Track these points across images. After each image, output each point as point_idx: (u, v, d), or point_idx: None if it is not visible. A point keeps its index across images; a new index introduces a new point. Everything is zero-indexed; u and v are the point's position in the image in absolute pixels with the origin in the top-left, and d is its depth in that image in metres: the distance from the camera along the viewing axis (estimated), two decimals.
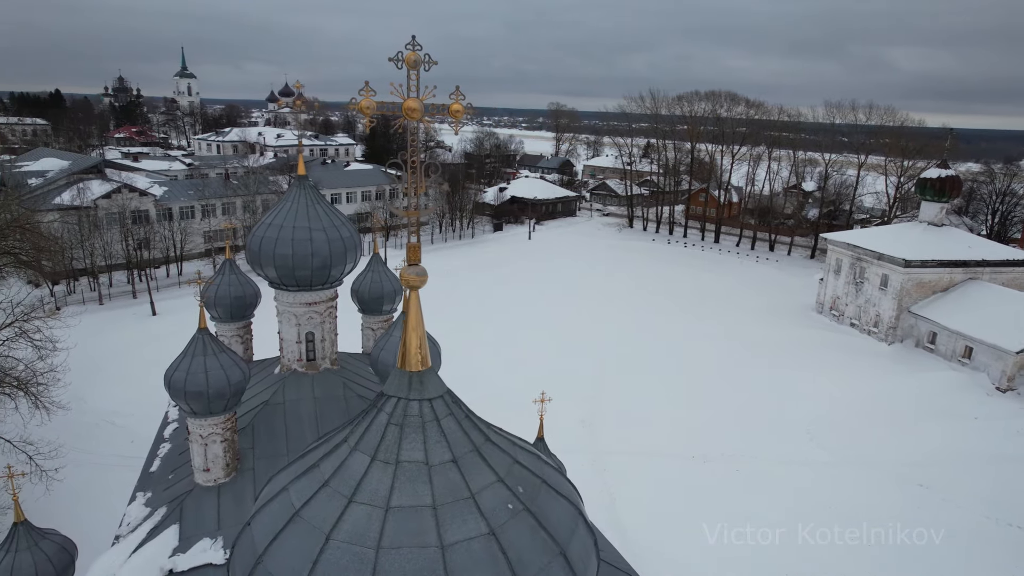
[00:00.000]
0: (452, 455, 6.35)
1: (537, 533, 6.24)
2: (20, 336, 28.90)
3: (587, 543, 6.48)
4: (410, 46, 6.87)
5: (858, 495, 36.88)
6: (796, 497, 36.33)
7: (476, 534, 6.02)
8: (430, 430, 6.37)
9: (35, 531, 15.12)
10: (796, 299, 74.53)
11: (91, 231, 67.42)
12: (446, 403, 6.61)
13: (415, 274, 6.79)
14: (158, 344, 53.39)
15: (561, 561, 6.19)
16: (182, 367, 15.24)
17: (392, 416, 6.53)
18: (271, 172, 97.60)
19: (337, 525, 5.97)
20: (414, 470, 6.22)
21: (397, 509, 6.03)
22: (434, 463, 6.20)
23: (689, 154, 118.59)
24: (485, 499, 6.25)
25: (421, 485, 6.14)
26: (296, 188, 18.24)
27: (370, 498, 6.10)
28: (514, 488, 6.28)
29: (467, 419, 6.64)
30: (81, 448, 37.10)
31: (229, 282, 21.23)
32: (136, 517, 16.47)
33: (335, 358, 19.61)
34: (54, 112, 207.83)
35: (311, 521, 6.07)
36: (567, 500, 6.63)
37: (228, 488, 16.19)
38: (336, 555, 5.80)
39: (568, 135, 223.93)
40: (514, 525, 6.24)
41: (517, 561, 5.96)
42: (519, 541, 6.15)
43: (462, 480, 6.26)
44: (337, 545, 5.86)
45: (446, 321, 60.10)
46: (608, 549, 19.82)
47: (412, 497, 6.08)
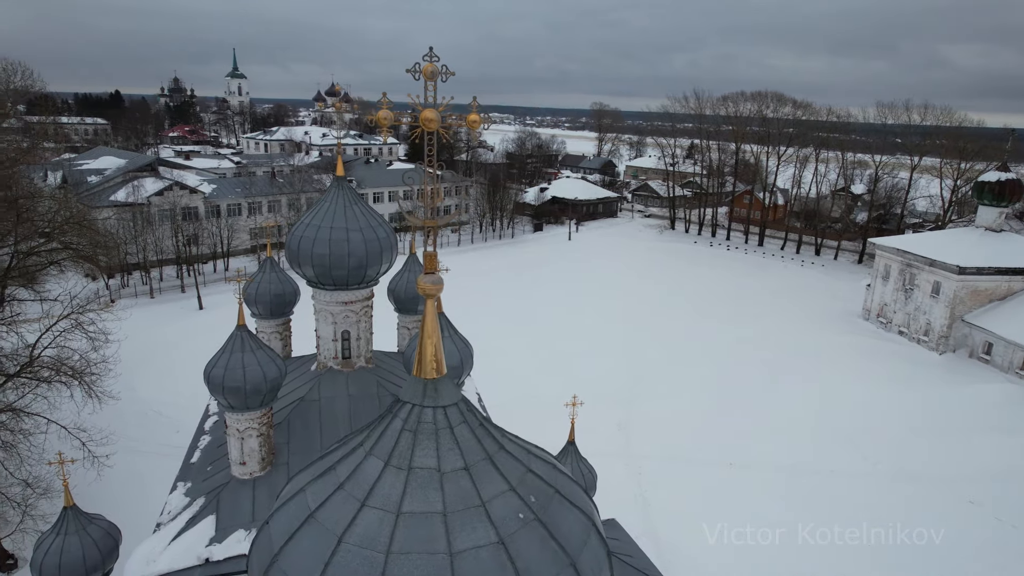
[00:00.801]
0: (464, 463, 6.38)
1: (547, 543, 6.21)
2: (76, 328, 30.12)
3: (599, 555, 6.41)
4: (427, 57, 6.92)
5: (904, 508, 35.68)
6: (837, 506, 35.37)
7: (485, 542, 6.04)
8: (443, 437, 6.42)
9: (83, 516, 15.77)
10: (842, 305, 72.51)
11: (144, 227, 69.86)
12: (460, 411, 6.63)
13: (431, 283, 6.81)
14: (204, 338, 54.81)
15: (571, 572, 6.15)
16: (221, 363, 15.66)
17: (406, 422, 6.60)
18: (316, 171, 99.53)
19: (349, 528, 6.07)
20: (426, 476, 6.29)
21: (408, 515, 6.10)
22: (446, 470, 6.24)
23: (734, 155, 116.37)
24: (496, 508, 6.30)
25: (432, 492, 6.22)
26: (335, 188, 18.55)
27: (382, 503, 6.19)
28: (526, 497, 6.25)
29: (481, 427, 6.65)
30: (130, 436, 38.53)
31: (269, 280, 21.72)
32: (176, 506, 16.97)
33: (370, 356, 19.86)
34: (114, 112, 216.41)
35: (325, 523, 6.18)
36: (580, 511, 6.57)
37: (263, 482, 16.57)
38: (347, 558, 5.91)
39: (610, 135, 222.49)
40: (524, 535, 6.22)
41: (525, 571, 5.96)
42: (528, 551, 6.15)
43: (473, 488, 6.32)
44: (348, 548, 5.96)
45: (484, 321, 60.67)
46: (638, 555, 19.67)
47: (423, 503, 6.18)
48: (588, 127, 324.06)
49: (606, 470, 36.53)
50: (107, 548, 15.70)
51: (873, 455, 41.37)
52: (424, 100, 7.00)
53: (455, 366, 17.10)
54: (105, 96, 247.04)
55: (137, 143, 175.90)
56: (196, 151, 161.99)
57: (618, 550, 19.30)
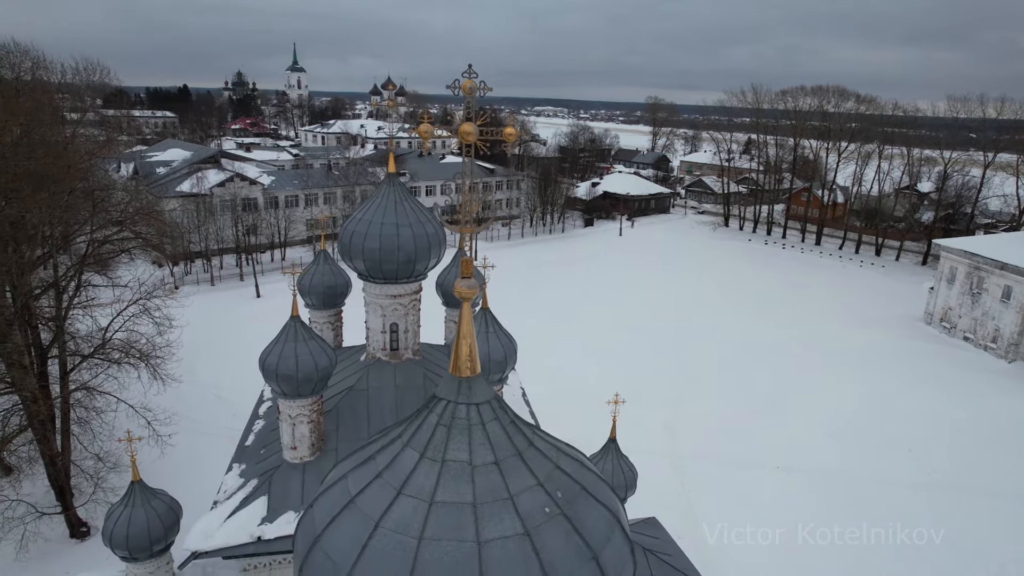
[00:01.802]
0: (495, 457, 6.69)
1: (571, 537, 6.46)
2: (143, 313, 31.75)
3: (623, 552, 6.62)
4: (467, 74, 7.17)
5: (972, 523, 34.34)
6: (888, 513, 34.34)
7: (512, 533, 6.34)
8: (475, 433, 6.76)
9: (148, 490, 16.76)
10: (902, 308, 69.84)
11: (206, 217, 72.67)
12: (492, 408, 6.94)
13: (466, 287, 7.10)
14: (260, 325, 56.88)
15: (593, 566, 6.38)
16: (275, 351, 16.36)
17: (441, 417, 6.97)
18: (370, 163, 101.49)
19: (386, 514, 6.47)
20: (458, 469, 6.65)
21: (440, 504, 6.48)
22: (477, 464, 6.58)
23: (792, 151, 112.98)
24: (523, 501, 6.60)
25: (464, 484, 6.59)
26: (386, 185, 19.05)
27: (417, 492, 6.59)
28: (552, 493, 6.54)
29: (512, 424, 6.95)
30: (191, 418, 40.37)
31: (323, 272, 22.41)
32: (231, 486, 17.82)
33: (417, 348, 20.36)
34: (181, 106, 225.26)
35: (363, 508, 6.60)
36: (606, 508, 6.80)
37: (312, 466, 17.27)
38: (382, 542, 6.30)
39: (665, 130, 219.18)
40: (549, 528, 6.49)
41: (549, 563, 6.21)
42: (553, 543, 6.41)
43: (502, 481, 6.65)
44: (384, 533, 6.36)
45: (533, 316, 61.08)
46: (677, 555, 19.63)
47: (455, 494, 6.56)
48: (643, 121, 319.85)
49: (650, 469, 36.44)
50: (169, 521, 16.65)
51: (930, 464, 39.95)
52: (465, 114, 7.24)
53: (499, 361, 17.42)
54: (173, 90, 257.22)
55: (202, 135, 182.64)
56: (256, 143, 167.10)
57: (657, 548, 19.33)
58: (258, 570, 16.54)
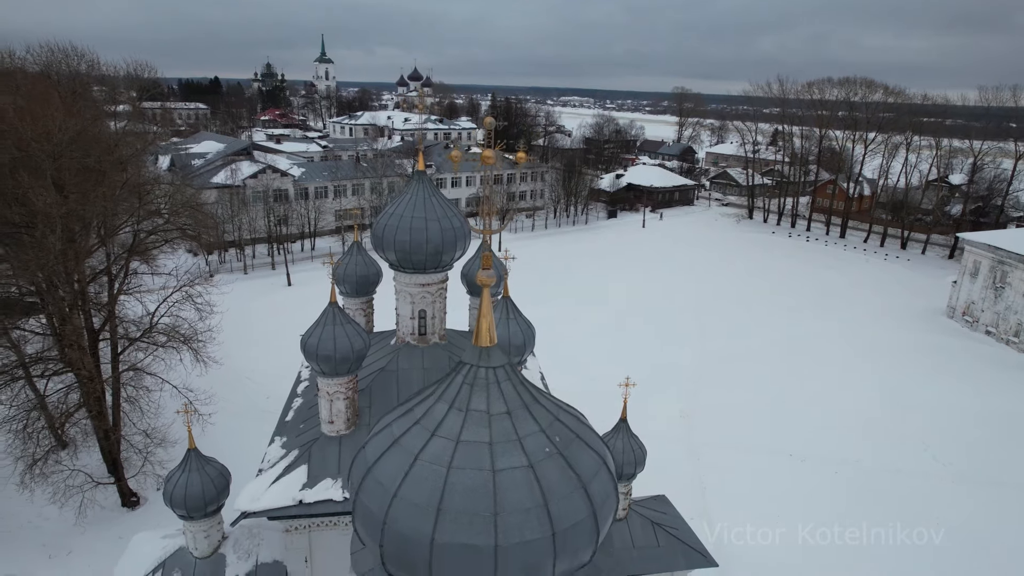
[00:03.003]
0: (507, 408, 8.46)
1: (566, 471, 8.21)
2: (187, 300, 33.85)
3: (607, 485, 8.34)
4: (490, 108, 8.58)
5: (982, 513, 35.11)
6: (900, 505, 35.22)
7: (519, 465, 8.10)
8: (492, 390, 8.53)
9: (202, 457, 18.66)
10: (925, 302, 69.80)
11: (240, 207, 75.17)
12: (505, 371, 8.74)
13: (486, 276, 8.68)
14: (291, 312, 59.22)
15: (582, 494, 8.17)
16: (315, 334, 18.07)
17: (466, 378, 8.80)
18: (398, 155, 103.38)
19: (423, 450, 8.31)
20: (478, 416, 8.42)
21: (464, 443, 8.25)
22: (493, 413, 8.38)
23: (818, 142, 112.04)
24: (528, 442, 8.31)
25: (482, 428, 8.31)
26: (416, 182, 20.59)
27: (447, 433, 8.36)
28: (552, 437, 8.28)
29: (520, 384, 8.74)
30: (228, 398, 42.55)
31: (356, 262, 24.11)
32: (274, 456, 19.63)
33: (443, 333, 21.95)
34: (213, 98, 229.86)
35: (405, 447, 8.44)
36: (595, 452, 8.51)
37: (348, 439, 18.98)
38: (420, 470, 8.17)
39: (692, 120, 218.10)
40: (548, 463, 8.27)
41: (548, 489, 8.03)
42: (551, 475, 8.19)
43: (512, 427, 8.35)
44: (421, 464, 8.20)
45: (555, 305, 62.58)
46: (684, 528, 21.04)
47: (475, 435, 8.29)
48: (669, 111, 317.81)
49: (666, 454, 37.95)
50: (220, 486, 18.55)
51: (944, 456, 40.58)
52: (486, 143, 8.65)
53: (518, 345, 18.94)
54: (205, 82, 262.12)
55: (233, 126, 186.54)
56: (286, 135, 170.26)
57: (665, 523, 20.79)
58: (299, 531, 18.35)
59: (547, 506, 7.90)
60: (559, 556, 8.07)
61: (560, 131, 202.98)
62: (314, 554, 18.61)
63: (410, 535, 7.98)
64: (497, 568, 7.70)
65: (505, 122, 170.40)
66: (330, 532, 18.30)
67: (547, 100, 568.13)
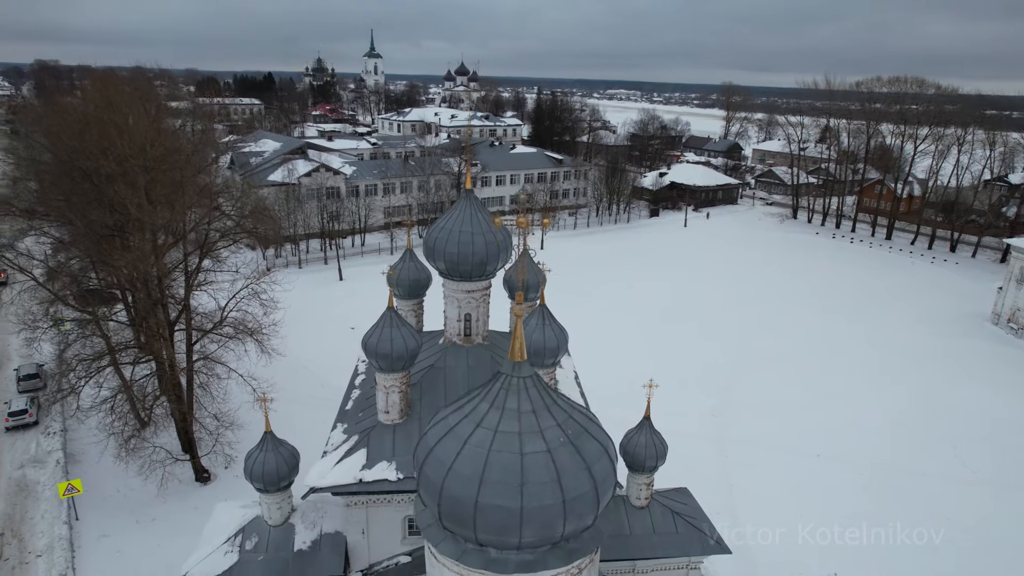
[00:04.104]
0: (532, 407, 10.94)
1: (575, 456, 10.66)
2: (253, 296, 37.11)
3: (607, 468, 10.90)
4: (522, 191, 10.86)
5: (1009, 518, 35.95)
6: (925, 507, 36.24)
7: (540, 450, 10.63)
8: (522, 394, 11.02)
9: (276, 439, 21.53)
10: (969, 307, 69.24)
11: (296, 205, 79.19)
12: (532, 380, 11.28)
13: (519, 309, 10.98)
14: (343, 305, 62.88)
15: (587, 473, 10.67)
16: (375, 334, 20.65)
17: (503, 384, 11.33)
18: (444, 152, 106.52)
19: (470, 437, 10.84)
20: (511, 413, 10.97)
21: (501, 432, 10.79)
22: (522, 411, 10.86)
23: (868, 139, 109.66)
24: (547, 433, 10.87)
25: (514, 421, 10.86)
26: (463, 200, 22.95)
27: (488, 425, 10.94)
28: (565, 430, 10.70)
29: (544, 390, 11.25)
30: (286, 387, 45.91)
31: (408, 268, 26.64)
32: (337, 440, 22.37)
33: (486, 335, 24.36)
34: (266, 94, 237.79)
35: (457, 434, 10.99)
36: (598, 442, 11.01)
37: (401, 427, 21.57)
38: (468, 451, 10.75)
39: (739, 116, 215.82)
40: (562, 449, 10.72)
41: (561, 468, 10.52)
42: (563, 458, 10.71)
43: (536, 421, 10.89)
44: (469, 447, 10.79)
45: (594, 304, 64.73)
46: (702, 518, 22.99)
47: (509, 427, 10.85)
48: (718, 105, 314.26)
49: (695, 450, 39.86)
50: (291, 464, 21.39)
51: (978, 464, 41.06)
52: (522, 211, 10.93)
53: (552, 348, 21.18)
54: (259, 78, 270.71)
55: (286, 121, 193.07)
56: (337, 131, 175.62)
57: (684, 512, 22.85)
58: (358, 506, 21.06)
59: (560, 481, 10.47)
60: (568, 518, 10.67)
61: (605, 127, 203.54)
62: (370, 527, 21.30)
63: (460, 498, 10.64)
64: (522, 524, 10.31)
65: (548, 121, 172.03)
66: (385, 508, 20.97)
67: (593, 93, 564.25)
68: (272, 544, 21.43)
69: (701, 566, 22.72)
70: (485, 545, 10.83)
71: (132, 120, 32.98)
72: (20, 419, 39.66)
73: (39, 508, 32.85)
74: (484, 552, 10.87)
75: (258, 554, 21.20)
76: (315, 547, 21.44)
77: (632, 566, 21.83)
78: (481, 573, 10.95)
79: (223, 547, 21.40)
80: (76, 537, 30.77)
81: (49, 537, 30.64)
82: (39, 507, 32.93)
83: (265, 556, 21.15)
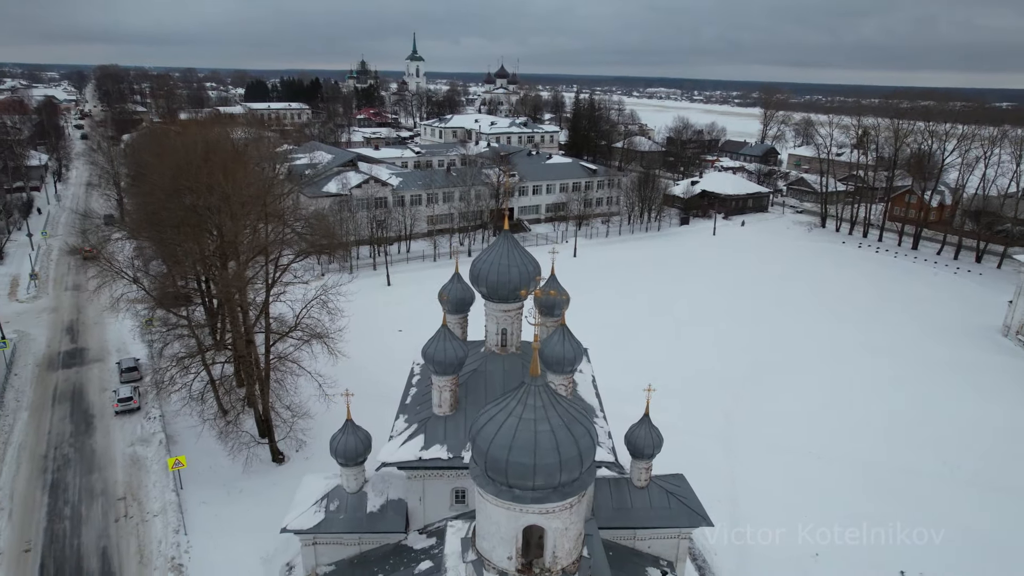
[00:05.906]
0: (543, 404, 16.46)
1: (568, 434, 16.15)
2: (323, 306, 43.35)
3: (589, 443, 16.46)
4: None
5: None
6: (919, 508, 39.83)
7: (547, 430, 15.96)
8: (537, 396, 16.54)
9: (355, 425, 27.65)
10: (984, 319, 71.96)
11: (348, 214, 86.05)
12: (544, 387, 16.76)
13: (536, 367, 16.71)
14: (392, 309, 69.16)
15: (575, 445, 16.10)
16: (432, 346, 26.48)
17: (524, 389, 16.74)
18: (484, 160, 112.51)
19: (505, 422, 16.37)
20: (530, 408, 16.44)
21: (523, 419, 16.15)
22: (536, 406, 16.40)
23: (904, 145, 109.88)
24: (552, 419, 16.29)
25: (531, 413, 16.33)
26: (503, 238, 28.63)
27: (515, 414, 16.40)
28: (564, 418, 16.24)
29: (552, 394, 16.81)
30: (347, 384, 52.05)
31: (455, 288, 32.41)
32: (400, 428, 28.37)
33: (519, 346, 30.08)
34: (314, 98, 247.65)
35: (496, 420, 16.54)
36: (583, 426, 16.53)
37: (451, 419, 27.44)
38: (503, 430, 16.30)
39: (778, 116, 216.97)
40: (562, 430, 16.21)
41: (560, 440, 16.01)
42: (561, 436, 16.14)
43: (545, 413, 16.33)
44: (504, 428, 16.32)
45: (620, 310, 69.98)
46: (692, 499, 28.30)
47: (529, 415, 16.31)
48: (758, 103, 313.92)
49: (705, 451, 44.51)
50: (366, 444, 27.55)
51: (972, 464, 44.61)
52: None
53: (570, 359, 26.68)
54: (306, 82, 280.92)
55: (332, 125, 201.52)
56: (381, 136, 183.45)
57: (677, 492, 28.22)
58: (417, 479, 27.04)
59: (558, 448, 16.09)
60: (563, 472, 16.31)
61: (642, 131, 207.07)
62: (426, 495, 27.28)
63: (498, 458, 16.33)
64: (535, 474, 15.99)
65: (586, 125, 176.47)
66: (437, 480, 26.90)
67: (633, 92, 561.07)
68: (350, 507, 27.65)
69: (690, 537, 28.12)
70: (512, 487, 16.46)
71: (229, 163, 39.84)
72: (127, 405, 47.09)
73: (150, 479, 39.86)
74: (512, 491, 16.53)
75: (339, 514, 27.45)
76: (383, 510, 27.59)
77: (633, 534, 27.40)
78: (510, 504, 16.57)
79: (312, 507, 27.69)
80: (183, 503, 37.57)
81: (161, 502, 37.54)
82: (150, 478, 39.94)
83: (345, 515, 27.39)
